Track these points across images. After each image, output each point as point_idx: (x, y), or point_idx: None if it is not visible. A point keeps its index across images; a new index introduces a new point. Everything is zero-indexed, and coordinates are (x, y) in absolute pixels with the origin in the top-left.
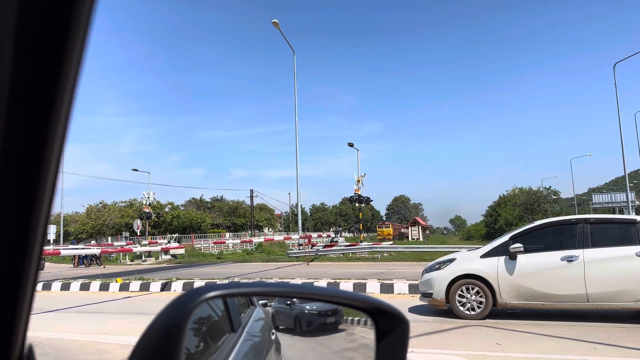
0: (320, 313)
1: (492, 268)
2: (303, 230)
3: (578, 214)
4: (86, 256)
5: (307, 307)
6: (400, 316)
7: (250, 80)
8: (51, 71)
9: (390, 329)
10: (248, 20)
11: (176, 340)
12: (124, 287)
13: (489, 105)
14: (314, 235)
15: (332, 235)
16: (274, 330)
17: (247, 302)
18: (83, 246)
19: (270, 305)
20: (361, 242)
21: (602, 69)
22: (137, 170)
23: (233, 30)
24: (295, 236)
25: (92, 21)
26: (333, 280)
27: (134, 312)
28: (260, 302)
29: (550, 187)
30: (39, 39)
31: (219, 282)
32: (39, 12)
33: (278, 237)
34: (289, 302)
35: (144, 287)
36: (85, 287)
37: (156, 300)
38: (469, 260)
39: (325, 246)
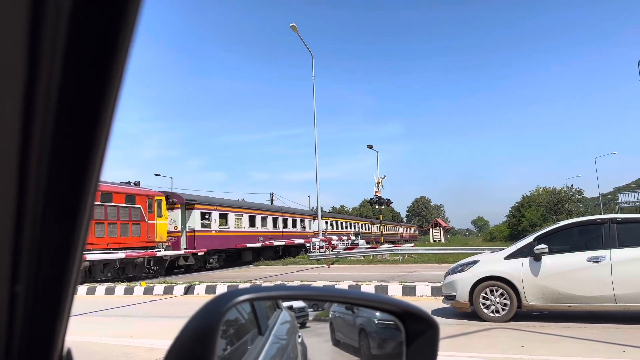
0: (398, 326)
1: (517, 270)
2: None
3: (604, 213)
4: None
5: (378, 314)
6: (430, 319)
7: (269, 83)
8: (100, 75)
9: (420, 333)
10: (267, 23)
11: (209, 342)
12: (148, 291)
13: (512, 104)
14: (335, 237)
15: (353, 237)
16: (300, 334)
17: (274, 305)
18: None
19: (331, 311)
20: (382, 244)
21: (626, 65)
22: (159, 175)
23: (252, 34)
24: (315, 239)
25: (138, 25)
26: (354, 283)
27: (158, 315)
28: (286, 304)
29: (572, 185)
30: (89, 43)
31: (241, 285)
32: (90, 16)
33: (299, 240)
34: (350, 306)
35: (168, 291)
36: (110, 291)
37: (180, 304)
38: (492, 262)
39: (345, 249)
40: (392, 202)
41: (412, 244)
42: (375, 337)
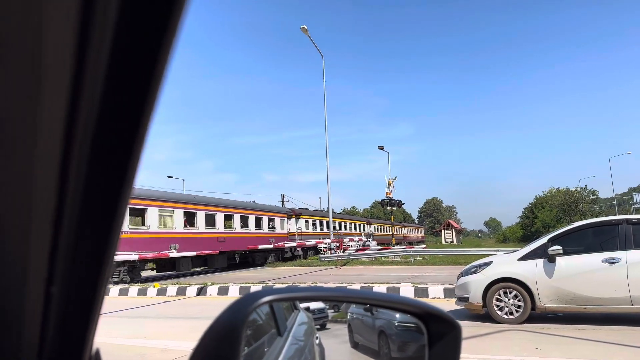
0: (419, 328)
1: (531, 271)
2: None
3: (618, 214)
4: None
5: (398, 315)
6: (452, 321)
7: (281, 84)
8: (144, 76)
9: (442, 334)
10: (277, 23)
11: (234, 343)
12: (162, 292)
13: (524, 104)
14: (346, 239)
15: (364, 239)
16: (318, 335)
17: (291, 306)
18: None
19: (349, 312)
20: (393, 245)
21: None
22: (172, 177)
23: (262, 35)
24: (327, 240)
25: (182, 27)
26: (366, 284)
27: (171, 316)
28: (303, 305)
29: (586, 186)
30: (135, 41)
31: (253, 286)
32: (137, 16)
33: (310, 242)
34: (369, 307)
35: (181, 292)
36: (124, 292)
37: (193, 305)
38: (506, 263)
39: (357, 250)
40: (403, 204)
41: (424, 246)
42: (396, 339)
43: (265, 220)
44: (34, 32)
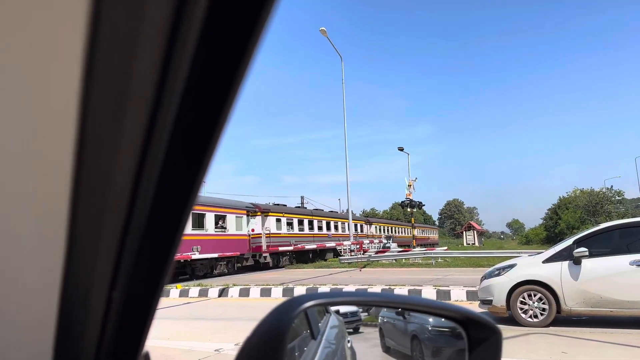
0: (455, 333)
1: (555, 274)
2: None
3: None
4: None
5: (431, 320)
6: (493, 326)
7: (299, 86)
8: (226, 77)
9: (482, 339)
10: (297, 25)
11: (279, 346)
12: (184, 293)
13: (546, 103)
14: (366, 241)
15: (384, 241)
16: (349, 339)
17: (323, 309)
18: None
19: (380, 316)
20: (414, 247)
21: None
22: None
23: (281, 37)
24: (346, 242)
25: (267, 30)
26: (387, 287)
27: (194, 317)
28: (334, 309)
29: (612, 186)
30: (219, 44)
31: (274, 288)
32: (224, 17)
33: (330, 243)
34: (401, 311)
35: (203, 293)
36: None
37: (214, 306)
38: (530, 265)
39: (377, 252)
40: (424, 205)
41: (446, 248)
42: (429, 344)
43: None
44: (132, 32)
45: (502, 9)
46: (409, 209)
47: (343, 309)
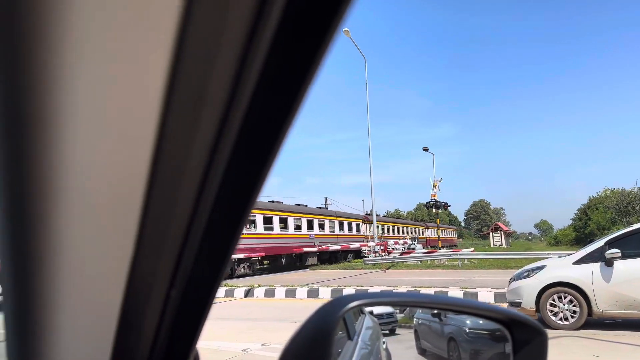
0: (494, 334)
1: (587, 275)
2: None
3: None
4: None
5: (469, 322)
6: (538, 328)
7: (322, 87)
8: (294, 80)
9: (527, 341)
10: None
11: (325, 347)
12: None
13: (574, 100)
14: (390, 242)
15: (409, 242)
16: (384, 340)
17: (358, 310)
18: None
19: (415, 317)
20: (439, 249)
21: None
22: None
23: None
24: (371, 243)
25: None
26: (413, 288)
27: (220, 317)
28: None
29: None
30: (292, 44)
31: (299, 289)
32: (298, 17)
33: (354, 245)
34: (437, 313)
35: (229, 293)
36: None
37: (240, 306)
38: (560, 267)
39: (402, 253)
40: (449, 206)
41: (472, 249)
42: (467, 346)
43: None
44: (216, 34)
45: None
46: (434, 210)
47: (378, 309)
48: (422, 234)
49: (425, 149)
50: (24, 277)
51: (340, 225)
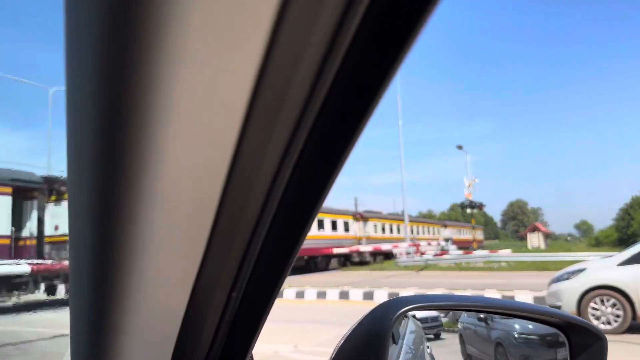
0: (545, 339)
1: (631, 278)
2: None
3: None
4: None
5: (517, 326)
6: (597, 332)
7: None
8: (370, 83)
9: (586, 346)
10: None
11: (380, 350)
12: None
13: (616, 94)
14: (423, 243)
15: (442, 243)
16: (428, 345)
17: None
18: None
19: (460, 321)
20: (474, 250)
21: None
22: None
23: None
24: (403, 244)
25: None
26: (447, 291)
27: None
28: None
29: None
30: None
31: (329, 290)
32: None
33: (386, 246)
34: (483, 317)
35: None
36: None
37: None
38: (602, 269)
39: (435, 254)
40: (484, 206)
41: (509, 251)
42: (515, 352)
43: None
44: (305, 36)
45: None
46: (468, 210)
47: (422, 313)
48: (437, 233)
49: (460, 147)
50: (101, 277)
51: (320, 223)
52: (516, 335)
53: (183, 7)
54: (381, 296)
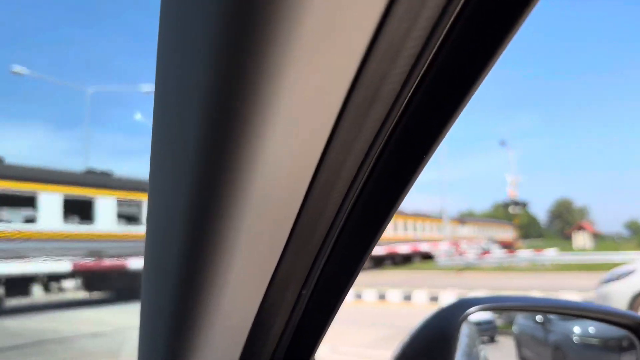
0: (608, 343)
1: None
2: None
3: None
4: None
5: (577, 329)
6: None
7: None
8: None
9: None
10: None
11: (447, 352)
12: None
13: None
14: (464, 243)
15: (484, 243)
16: (482, 347)
17: None
18: None
19: (515, 324)
20: (517, 250)
21: None
22: None
23: None
24: (443, 245)
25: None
26: (490, 292)
27: None
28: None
29: None
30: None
31: (365, 290)
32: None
33: (425, 247)
34: (540, 319)
35: None
36: None
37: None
38: None
39: (476, 255)
40: (528, 204)
41: (555, 250)
42: (575, 357)
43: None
44: (405, 36)
45: None
46: (510, 210)
47: (475, 316)
48: (444, 232)
49: (502, 143)
50: (188, 277)
51: None
52: (576, 339)
53: (295, 13)
54: (418, 298)
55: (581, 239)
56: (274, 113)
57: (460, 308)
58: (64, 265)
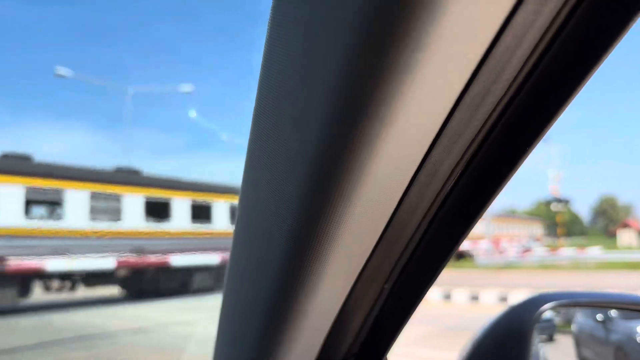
0: None
1: None
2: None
3: None
4: None
5: None
6: None
7: None
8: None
9: None
10: None
11: (523, 348)
12: None
13: None
14: (504, 241)
15: (525, 241)
16: (541, 346)
17: None
18: None
19: (575, 323)
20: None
21: None
22: None
23: None
24: (483, 243)
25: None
26: (533, 290)
27: None
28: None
29: None
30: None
31: None
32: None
33: (465, 244)
34: (601, 318)
35: None
36: None
37: None
38: None
39: (517, 253)
40: (570, 201)
41: (599, 248)
42: (638, 358)
43: None
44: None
45: None
46: (554, 206)
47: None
48: None
49: (545, 138)
50: (288, 277)
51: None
52: (638, 339)
53: (428, 14)
54: (458, 297)
55: (627, 237)
56: (393, 114)
57: (534, 304)
58: (108, 261)
